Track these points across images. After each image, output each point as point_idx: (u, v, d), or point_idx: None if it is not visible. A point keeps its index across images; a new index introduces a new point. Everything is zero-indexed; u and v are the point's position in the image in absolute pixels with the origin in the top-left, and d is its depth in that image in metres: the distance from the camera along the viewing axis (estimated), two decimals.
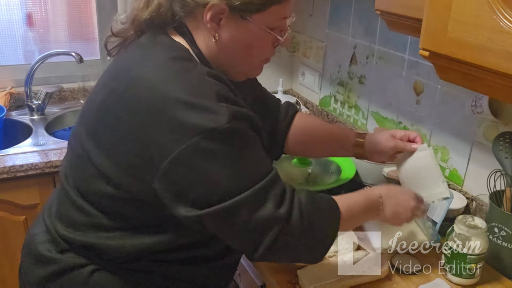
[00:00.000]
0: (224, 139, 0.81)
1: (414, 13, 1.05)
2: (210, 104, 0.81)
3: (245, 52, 0.94)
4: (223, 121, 0.80)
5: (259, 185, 0.84)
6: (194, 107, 0.80)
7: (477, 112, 1.34)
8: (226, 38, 0.91)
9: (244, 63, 0.97)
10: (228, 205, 0.82)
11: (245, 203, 0.83)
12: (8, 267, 1.70)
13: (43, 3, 2.09)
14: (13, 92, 2.06)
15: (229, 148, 0.82)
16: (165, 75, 0.85)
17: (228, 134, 0.81)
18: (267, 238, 0.85)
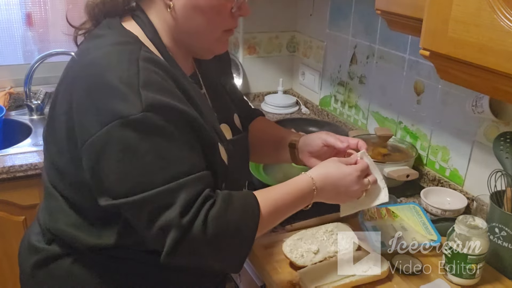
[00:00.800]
0: (136, 129, 0.79)
1: (414, 12, 1.05)
2: (129, 91, 0.79)
3: (201, 19, 0.92)
4: (136, 110, 0.78)
5: (168, 186, 0.81)
6: (115, 92, 0.79)
7: (478, 112, 1.34)
8: (180, 6, 0.90)
9: (204, 33, 0.94)
10: (136, 199, 0.81)
11: (150, 201, 0.81)
12: (8, 267, 1.70)
13: (43, 3, 2.09)
14: (13, 92, 2.06)
15: (141, 140, 0.80)
16: (100, 59, 0.84)
17: (142, 124, 0.79)
18: (167, 241, 0.81)
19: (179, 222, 0.80)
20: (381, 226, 1.25)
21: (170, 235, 0.81)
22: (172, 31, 0.94)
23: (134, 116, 0.78)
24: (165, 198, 0.81)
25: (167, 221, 0.81)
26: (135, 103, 0.78)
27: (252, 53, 2.29)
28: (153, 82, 0.82)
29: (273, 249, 1.20)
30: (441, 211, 1.42)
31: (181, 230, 0.81)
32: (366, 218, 1.29)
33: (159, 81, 0.83)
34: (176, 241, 0.81)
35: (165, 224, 0.81)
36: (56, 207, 0.98)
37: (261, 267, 1.18)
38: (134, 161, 0.80)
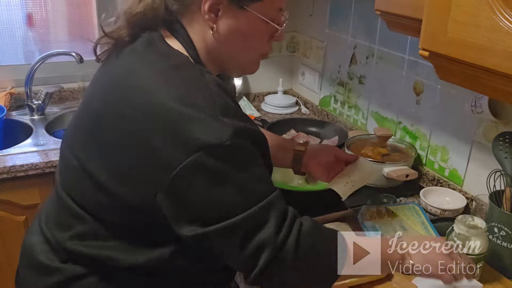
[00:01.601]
0: (225, 156, 0.78)
1: (414, 13, 1.05)
2: (214, 119, 0.78)
3: (242, 44, 0.92)
4: (225, 138, 0.77)
5: (261, 204, 0.81)
6: (198, 120, 0.78)
7: (477, 112, 1.35)
8: (224, 29, 0.89)
9: (242, 56, 0.95)
10: (229, 223, 0.80)
11: (246, 222, 0.80)
12: (8, 267, 1.70)
13: (43, 3, 2.09)
14: (13, 92, 2.06)
15: (231, 165, 0.79)
16: (168, 84, 0.82)
17: (230, 151, 0.79)
18: (261, 260, 0.81)
19: (275, 239, 0.81)
20: (380, 226, 1.26)
21: (264, 253, 0.81)
22: (210, 50, 0.92)
23: (225, 143, 0.77)
24: (258, 217, 0.81)
25: (260, 241, 0.81)
26: (223, 131, 0.78)
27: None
28: (229, 108, 0.82)
29: None
30: (440, 211, 1.43)
31: (276, 247, 0.81)
32: (366, 218, 1.29)
33: (233, 106, 0.85)
34: (270, 258, 0.81)
35: (261, 243, 0.81)
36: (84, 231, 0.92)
37: None
38: (224, 187, 0.80)
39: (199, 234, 0.81)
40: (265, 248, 0.81)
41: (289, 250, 0.82)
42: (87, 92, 0.99)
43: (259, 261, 0.81)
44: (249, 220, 0.80)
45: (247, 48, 0.94)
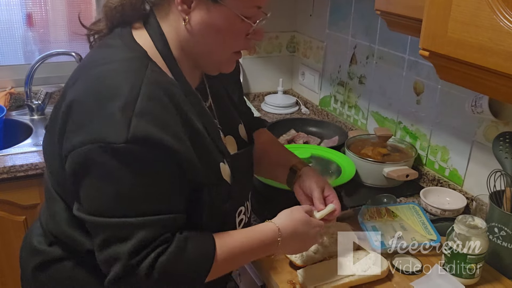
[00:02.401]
0: (115, 157, 0.78)
1: (414, 13, 1.05)
2: (122, 118, 0.78)
3: (215, 39, 0.90)
4: (120, 139, 0.77)
5: (128, 220, 0.81)
6: (108, 114, 0.79)
7: (477, 112, 1.34)
8: (196, 22, 0.88)
9: (215, 52, 0.93)
10: (96, 220, 0.82)
11: (108, 228, 0.82)
12: (8, 267, 1.70)
13: (43, 3, 2.09)
14: (13, 92, 2.06)
15: (117, 169, 0.79)
16: (104, 77, 0.84)
17: (121, 154, 0.78)
18: (112, 271, 0.82)
19: (127, 260, 0.81)
20: (381, 226, 1.26)
21: (114, 268, 0.82)
22: (182, 43, 0.92)
23: (116, 145, 0.78)
24: (121, 230, 0.81)
25: (115, 254, 0.82)
26: (122, 132, 0.78)
27: (252, 53, 2.29)
28: (150, 112, 0.81)
29: None
30: (440, 211, 1.43)
31: (125, 268, 0.81)
32: (366, 218, 1.29)
33: (157, 112, 0.82)
34: (118, 276, 0.82)
35: (112, 255, 0.82)
36: (57, 209, 0.97)
37: (261, 267, 1.18)
38: (104, 186, 0.81)
39: (79, 216, 0.86)
40: (117, 262, 0.82)
41: (140, 275, 0.82)
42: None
43: (111, 271, 0.83)
44: (112, 228, 0.82)
45: (220, 44, 0.91)
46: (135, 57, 0.88)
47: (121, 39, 0.91)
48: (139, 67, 0.85)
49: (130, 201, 0.82)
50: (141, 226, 0.82)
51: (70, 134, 0.83)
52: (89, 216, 0.83)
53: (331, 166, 1.58)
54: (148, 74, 0.84)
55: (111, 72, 0.84)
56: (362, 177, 1.60)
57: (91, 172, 0.81)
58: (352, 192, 1.56)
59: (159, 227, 0.83)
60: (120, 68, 0.85)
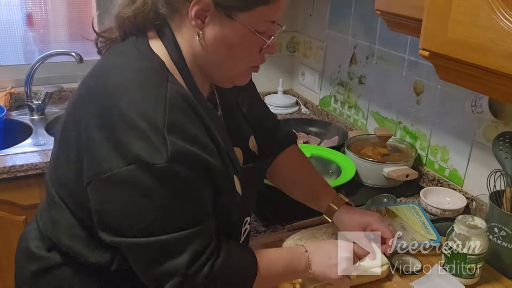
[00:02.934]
0: (158, 177, 0.77)
1: (414, 13, 1.05)
2: (156, 136, 0.77)
3: (229, 54, 0.89)
4: (161, 160, 0.76)
5: (182, 233, 0.81)
6: (140, 132, 0.77)
7: (477, 112, 1.34)
8: (210, 36, 0.87)
9: (229, 67, 0.92)
10: (144, 241, 0.80)
11: (159, 245, 0.81)
12: (8, 267, 1.69)
13: (43, 3, 2.09)
14: (13, 92, 2.06)
15: (161, 187, 0.78)
16: (121, 87, 0.81)
17: (164, 174, 0.77)
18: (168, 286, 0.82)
19: (185, 272, 0.81)
20: None
21: (171, 282, 0.82)
22: (196, 57, 0.90)
23: (159, 165, 0.76)
24: (176, 245, 0.81)
25: (171, 269, 0.81)
26: (161, 151, 0.76)
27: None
28: (179, 125, 0.79)
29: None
30: (440, 211, 1.43)
31: (184, 279, 0.82)
32: None
33: (185, 124, 0.81)
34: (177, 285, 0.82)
35: (169, 271, 0.81)
36: (59, 217, 0.95)
37: None
38: (148, 205, 0.79)
39: (113, 242, 0.83)
40: (174, 277, 0.82)
41: (197, 284, 0.83)
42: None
43: (167, 285, 0.82)
44: (164, 245, 0.81)
45: (234, 59, 0.91)
46: (154, 67, 0.86)
47: (136, 47, 0.89)
48: (161, 80, 0.83)
49: (175, 217, 0.81)
50: (192, 237, 0.82)
51: (97, 153, 0.79)
52: (130, 239, 0.80)
53: (331, 166, 1.58)
54: (170, 86, 0.83)
55: (132, 83, 0.82)
56: (362, 177, 1.60)
57: (134, 191, 0.78)
58: (352, 192, 1.56)
59: (208, 235, 0.85)
60: (140, 79, 0.83)
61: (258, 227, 1.33)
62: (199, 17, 0.85)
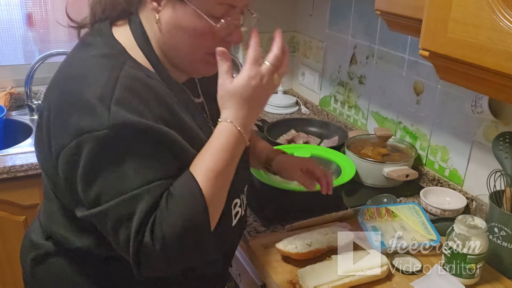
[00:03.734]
0: (99, 144, 0.79)
1: (414, 13, 1.05)
2: (100, 106, 0.79)
3: (184, 39, 0.88)
4: (101, 126, 0.78)
5: (129, 195, 0.79)
6: (87, 106, 0.79)
7: (477, 112, 1.34)
8: (165, 21, 0.88)
9: (186, 53, 0.91)
10: (96, 211, 0.81)
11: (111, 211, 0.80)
12: (8, 267, 1.70)
13: (43, 3, 2.09)
14: (13, 92, 2.06)
15: (102, 154, 0.79)
16: (80, 75, 0.85)
17: (106, 140, 0.79)
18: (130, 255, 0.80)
19: (135, 235, 0.79)
20: (381, 226, 1.26)
21: (130, 248, 0.79)
22: (159, 42, 0.91)
23: (98, 133, 0.78)
24: (123, 210, 0.80)
25: (125, 238, 0.80)
26: (102, 120, 0.78)
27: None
28: (127, 100, 0.81)
29: (273, 248, 1.20)
30: (440, 211, 1.43)
31: (136, 243, 0.79)
32: (366, 218, 1.29)
33: (135, 100, 0.81)
34: (136, 254, 0.80)
35: (125, 241, 0.80)
36: (53, 209, 0.98)
37: (261, 267, 1.18)
38: (96, 173, 0.80)
39: (83, 217, 0.85)
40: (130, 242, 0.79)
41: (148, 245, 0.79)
42: None
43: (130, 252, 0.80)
44: (114, 210, 0.80)
45: (189, 45, 0.89)
46: (112, 54, 0.87)
47: (100, 35, 0.92)
48: (116, 63, 0.85)
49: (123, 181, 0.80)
50: (138, 198, 0.79)
51: (56, 137, 0.84)
52: (90, 211, 0.82)
53: (331, 166, 1.58)
54: (125, 69, 0.84)
55: (87, 68, 0.85)
56: (362, 177, 1.60)
57: (82, 164, 0.80)
58: (352, 192, 1.56)
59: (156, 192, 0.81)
60: (96, 65, 0.85)
61: (258, 227, 1.33)
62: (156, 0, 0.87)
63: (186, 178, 0.84)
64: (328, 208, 1.38)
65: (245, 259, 1.33)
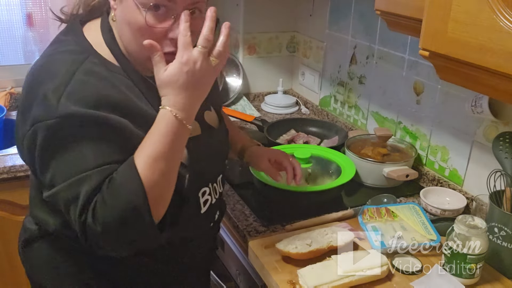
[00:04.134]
0: (50, 130, 0.86)
1: (414, 13, 1.05)
2: (53, 99, 0.85)
3: (130, 36, 0.91)
4: (50, 117, 0.85)
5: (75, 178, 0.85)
6: (41, 96, 0.87)
7: (477, 112, 1.34)
8: (118, 18, 0.94)
9: (134, 51, 0.93)
10: (51, 193, 0.89)
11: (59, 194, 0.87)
12: (9, 267, 1.70)
13: (43, 3, 2.09)
14: (13, 92, 2.06)
15: (54, 140, 0.86)
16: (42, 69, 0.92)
17: (55, 128, 0.85)
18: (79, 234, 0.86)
19: (79, 216, 0.85)
20: (381, 226, 1.26)
21: (77, 227, 0.86)
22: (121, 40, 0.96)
23: (49, 121, 0.85)
24: (70, 191, 0.86)
25: (74, 215, 0.86)
26: (52, 110, 0.85)
27: (252, 53, 2.29)
28: (78, 93, 0.86)
29: (273, 249, 1.20)
30: (440, 211, 1.43)
31: (80, 224, 0.85)
32: (366, 218, 1.29)
33: (86, 92, 0.87)
34: (83, 233, 0.86)
35: (72, 218, 0.86)
36: (32, 193, 1.07)
37: (261, 267, 1.18)
38: (49, 159, 0.87)
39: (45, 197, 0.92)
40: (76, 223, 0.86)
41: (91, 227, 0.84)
42: None
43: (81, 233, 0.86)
44: (63, 192, 0.86)
45: (135, 42, 0.91)
46: (77, 50, 0.93)
47: (71, 33, 0.98)
48: (77, 58, 0.91)
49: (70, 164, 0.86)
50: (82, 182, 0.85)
51: (19, 125, 0.92)
52: (47, 193, 0.90)
53: (331, 166, 1.58)
54: (85, 64, 0.90)
55: (51, 63, 0.92)
56: (362, 177, 1.60)
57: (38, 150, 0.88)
58: (352, 192, 1.56)
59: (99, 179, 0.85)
60: (59, 60, 0.92)
61: (258, 227, 1.33)
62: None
63: (127, 164, 0.87)
64: (328, 208, 1.38)
65: (245, 259, 1.33)
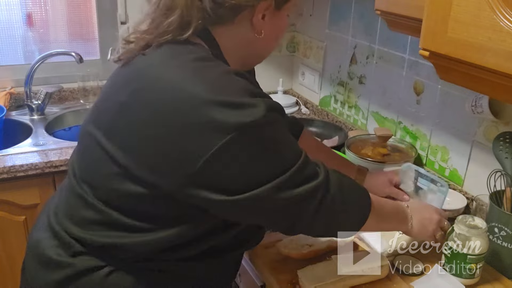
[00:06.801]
0: (260, 130, 0.83)
1: (414, 13, 1.05)
2: (243, 100, 0.83)
3: (276, 40, 1.04)
4: (259, 114, 0.82)
5: (294, 168, 0.86)
6: (227, 105, 0.81)
7: (477, 112, 1.34)
8: (267, 31, 0.98)
9: (272, 48, 1.06)
10: (265, 189, 0.84)
11: (282, 185, 0.85)
12: (8, 267, 1.70)
13: (43, 3, 2.09)
14: (13, 92, 2.06)
15: (265, 138, 0.85)
16: (189, 75, 0.86)
17: (264, 125, 0.83)
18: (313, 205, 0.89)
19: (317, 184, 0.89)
20: None
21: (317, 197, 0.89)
22: (243, 50, 1.00)
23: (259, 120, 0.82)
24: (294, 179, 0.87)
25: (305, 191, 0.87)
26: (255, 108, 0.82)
27: None
28: (252, 89, 0.87)
29: (273, 249, 1.20)
30: None
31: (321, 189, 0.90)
32: None
33: (254, 88, 0.88)
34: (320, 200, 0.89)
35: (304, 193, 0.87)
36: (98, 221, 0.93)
37: (261, 267, 1.18)
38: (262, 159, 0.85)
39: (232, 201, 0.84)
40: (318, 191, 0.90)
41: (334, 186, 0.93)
42: (111, 84, 1.00)
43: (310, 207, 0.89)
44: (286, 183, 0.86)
45: (277, 43, 1.06)
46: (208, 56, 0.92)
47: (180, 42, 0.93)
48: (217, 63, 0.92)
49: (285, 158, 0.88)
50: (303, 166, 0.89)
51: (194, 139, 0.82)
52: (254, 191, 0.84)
53: None
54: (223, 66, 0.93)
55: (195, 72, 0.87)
56: None
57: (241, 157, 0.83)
58: None
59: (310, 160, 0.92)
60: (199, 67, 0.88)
61: None
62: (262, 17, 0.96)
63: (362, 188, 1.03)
64: None
65: (245, 259, 1.33)
